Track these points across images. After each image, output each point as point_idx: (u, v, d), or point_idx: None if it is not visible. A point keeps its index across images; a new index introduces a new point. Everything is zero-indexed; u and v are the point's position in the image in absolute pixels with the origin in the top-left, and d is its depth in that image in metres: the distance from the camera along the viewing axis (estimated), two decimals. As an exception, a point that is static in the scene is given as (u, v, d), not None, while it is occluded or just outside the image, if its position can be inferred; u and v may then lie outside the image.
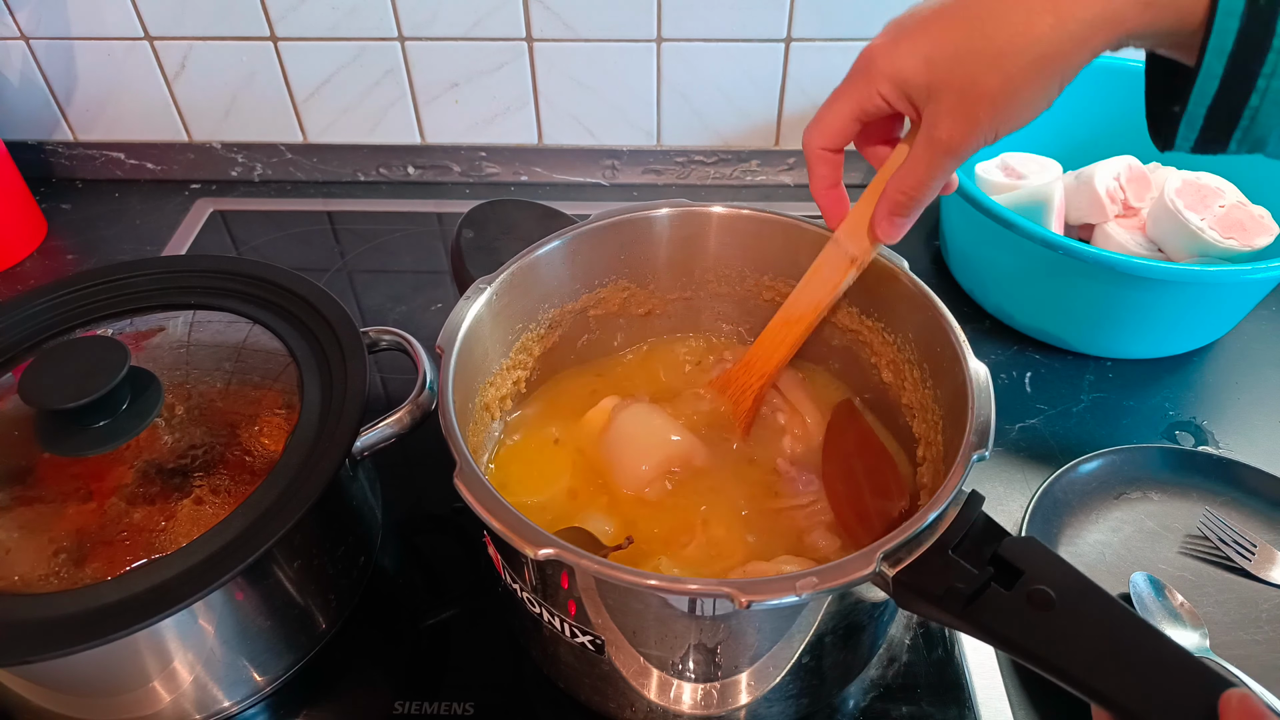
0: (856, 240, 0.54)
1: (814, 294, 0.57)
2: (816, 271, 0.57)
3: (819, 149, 0.53)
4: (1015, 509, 0.68)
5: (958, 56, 0.44)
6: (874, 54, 0.47)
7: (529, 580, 0.48)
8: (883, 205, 0.51)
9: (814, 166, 0.54)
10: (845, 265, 0.55)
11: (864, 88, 0.48)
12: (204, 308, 0.62)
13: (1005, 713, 0.56)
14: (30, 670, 0.49)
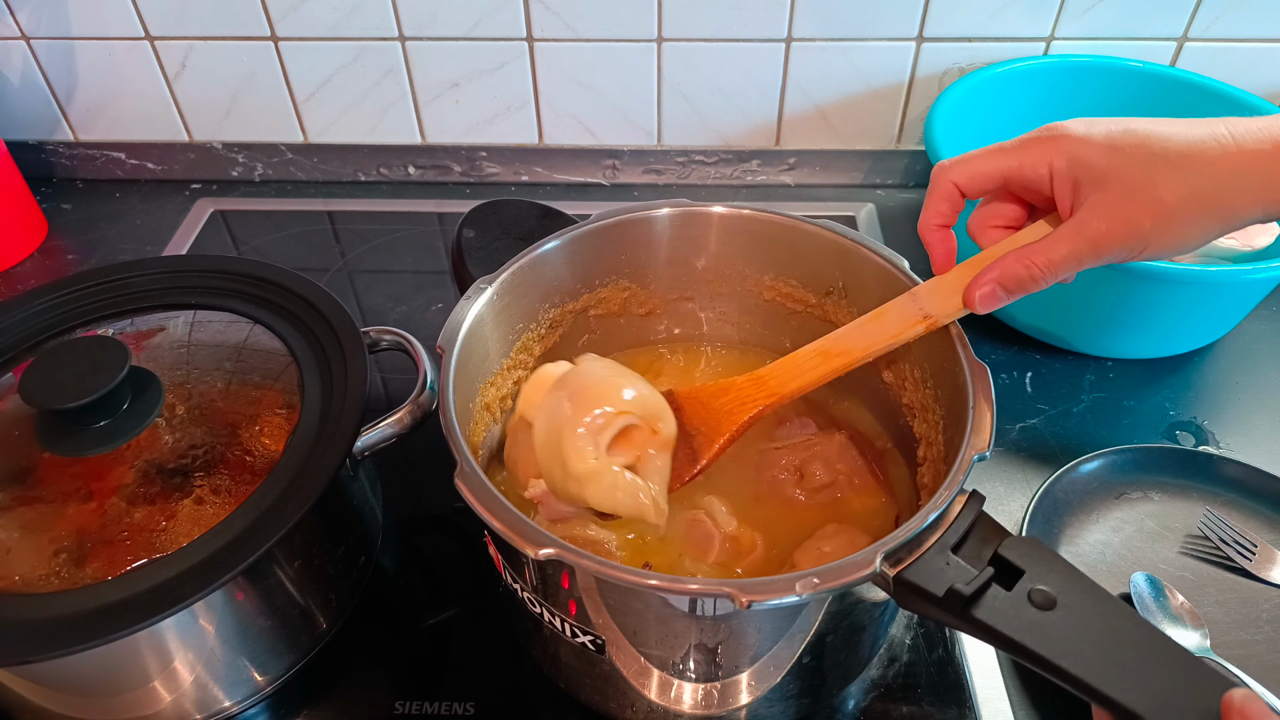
0: (939, 301, 0.51)
1: (869, 338, 0.53)
2: (880, 316, 0.53)
3: (951, 183, 0.49)
4: (1016, 509, 0.68)
5: (1147, 159, 0.44)
6: (1064, 126, 0.46)
7: (529, 580, 0.48)
8: (993, 272, 0.48)
9: (935, 200, 0.50)
10: (916, 321, 0.51)
11: (1037, 152, 0.47)
12: (204, 308, 0.62)
13: (1006, 713, 0.56)
14: (30, 670, 0.49)
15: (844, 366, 0.53)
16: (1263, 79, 0.92)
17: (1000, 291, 0.48)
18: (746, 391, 0.54)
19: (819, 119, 0.97)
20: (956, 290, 0.50)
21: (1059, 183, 0.46)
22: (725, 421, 0.54)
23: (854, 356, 0.52)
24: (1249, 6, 0.88)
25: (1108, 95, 0.90)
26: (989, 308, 0.49)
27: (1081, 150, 0.45)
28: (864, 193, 1.01)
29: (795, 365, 0.54)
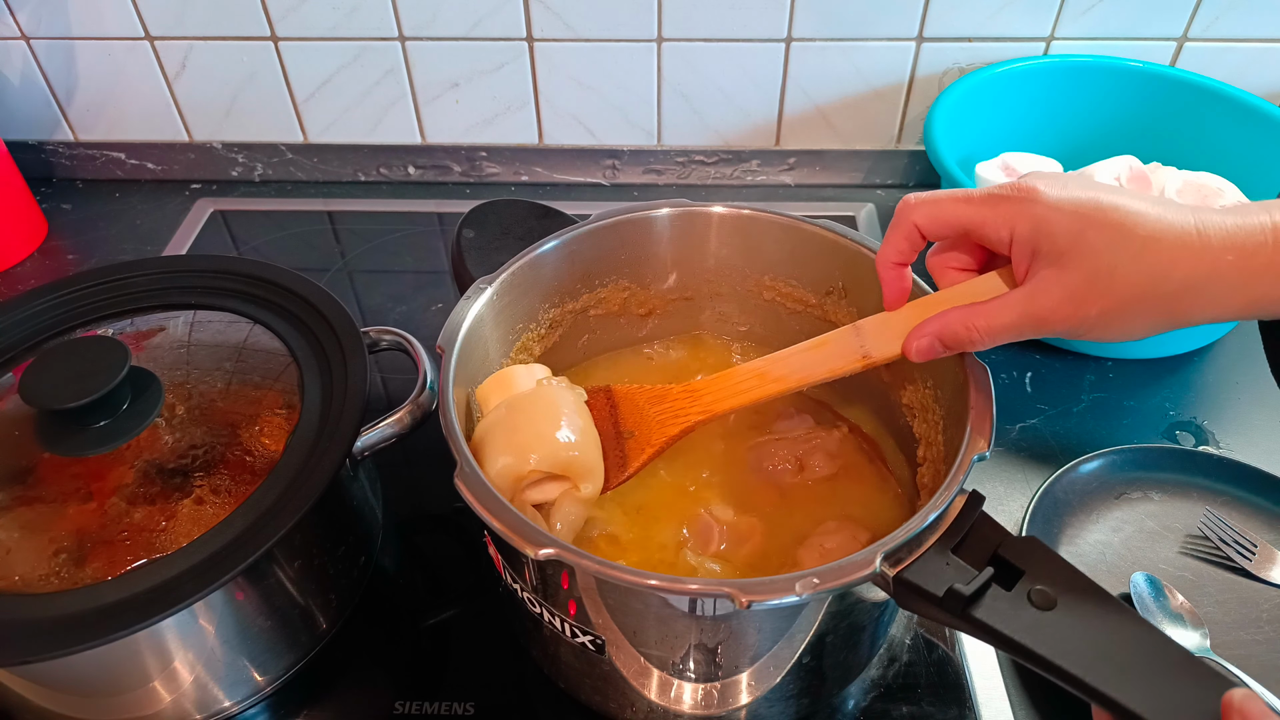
0: (881, 341, 0.50)
1: (806, 368, 0.52)
2: (820, 346, 0.52)
3: (912, 223, 0.48)
4: (1016, 509, 0.68)
5: (1112, 243, 0.42)
6: (1036, 188, 0.44)
7: (529, 580, 0.48)
8: (934, 325, 0.47)
9: (895, 238, 0.49)
10: (855, 358, 0.51)
11: (1003, 212, 0.45)
12: (204, 308, 0.62)
13: (1005, 713, 0.56)
14: (30, 670, 0.49)
15: (779, 391, 0.52)
16: (1263, 79, 0.92)
17: (938, 345, 0.48)
18: (680, 403, 0.54)
19: (819, 119, 0.97)
20: (900, 333, 0.49)
21: (1018, 247, 0.45)
22: (656, 432, 0.54)
23: (790, 383, 0.52)
24: (1249, 6, 0.88)
25: (1108, 95, 0.91)
26: (925, 359, 0.49)
27: (1048, 218, 0.43)
28: (864, 193, 1.01)
29: (732, 384, 0.53)
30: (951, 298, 0.48)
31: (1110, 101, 0.91)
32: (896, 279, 0.50)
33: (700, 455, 0.61)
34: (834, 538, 0.54)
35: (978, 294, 0.47)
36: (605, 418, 0.55)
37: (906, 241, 0.49)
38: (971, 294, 0.48)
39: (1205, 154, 0.85)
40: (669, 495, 0.58)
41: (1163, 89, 0.89)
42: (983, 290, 0.47)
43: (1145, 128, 0.90)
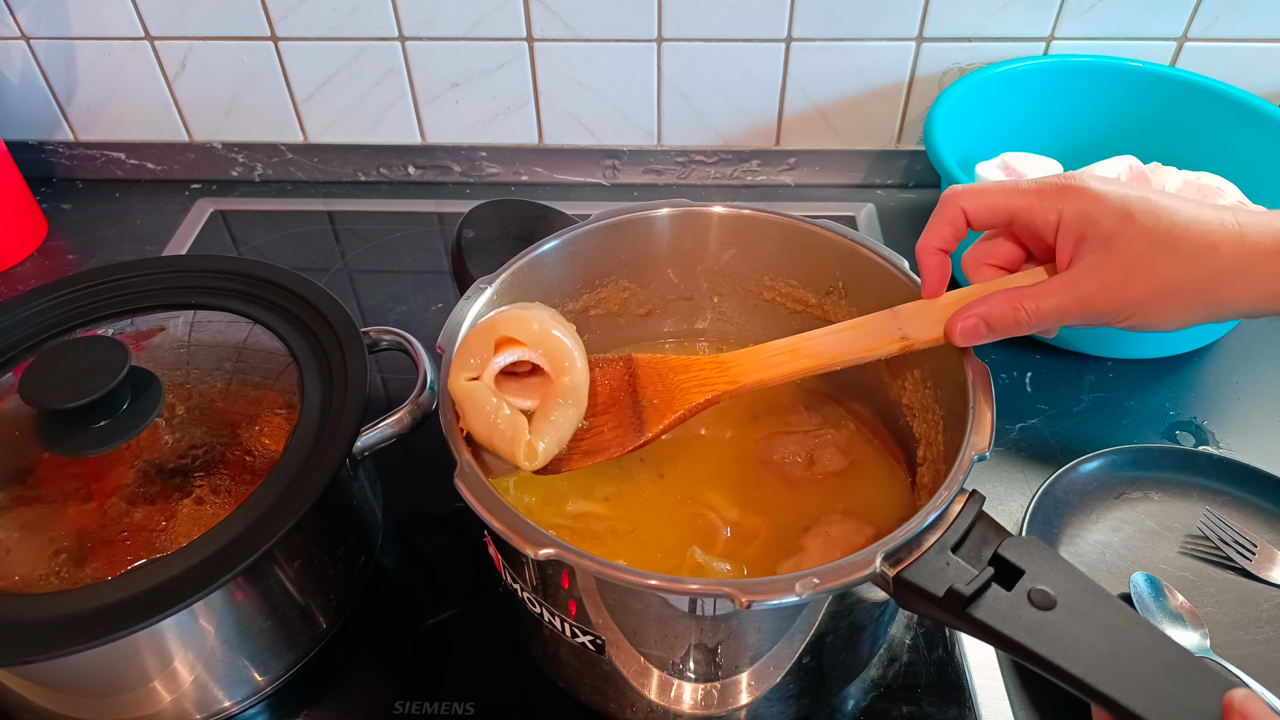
0: (921, 325, 0.50)
1: (842, 346, 0.51)
2: (858, 327, 0.51)
3: (960, 209, 0.48)
4: (1016, 509, 0.68)
5: (1154, 233, 0.43)
6: (1083, 179, 0.46)
7: (529, 580, 0.48)
8: (981, 307, 0.47)
9: (940, 223, 0.49)
10: (893, 341, 0.50)
11: (1051, 198, 0.46)
12: (204, 308, 0.62)
13: (1005, 713, 0.56)
14: (30, 670, 0.49)
15: (811, 369, 0.51)
16: (1263, 79, 0.92)
17: (983, 328, 0.48)
18: (707, 373, 0.53)
19: (819, 119, 0.97)
20: (940, 318, 0.49)
21: (1064, 233, 0.46)
22: (679, 399, 0.52)
23: (823, 360, 0.51)
24: (1248, 6, 0.88)
25: (1108, 95, 0.90)
26: (969, 343, 0.49)
27: (1094, 208, 0.45)
28: (864, 193, 1.01)
29: (762, 358, 0.52)
30: (990, 289, 0.49)
31: (1110, 101, 0.91)
32: (938, 265, 0.50)
33: (710, 446, 0.61)
34: (839, 527, 0.54)
35: (1027, 283, 0.48)
36: (622, 386, 0.54)
37: (950, 227, 0.49)
38: (1017, 282, 0.48)
39: (1205, 154, 0.85)
40: (677, 490, 0.58)
41: (1163, 89, 0.89)
42: (1022, 282, 0.48)
43: (1145, 127, 0.90)
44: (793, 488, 0.58)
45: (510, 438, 0.48)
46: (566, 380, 0.50)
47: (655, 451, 0.60)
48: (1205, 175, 0.80)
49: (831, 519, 0.55)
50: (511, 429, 0.48)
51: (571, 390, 0.50)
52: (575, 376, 0.50)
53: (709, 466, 0.60)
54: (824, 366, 0.51)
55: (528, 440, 0.48)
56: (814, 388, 0.65)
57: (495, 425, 0.47)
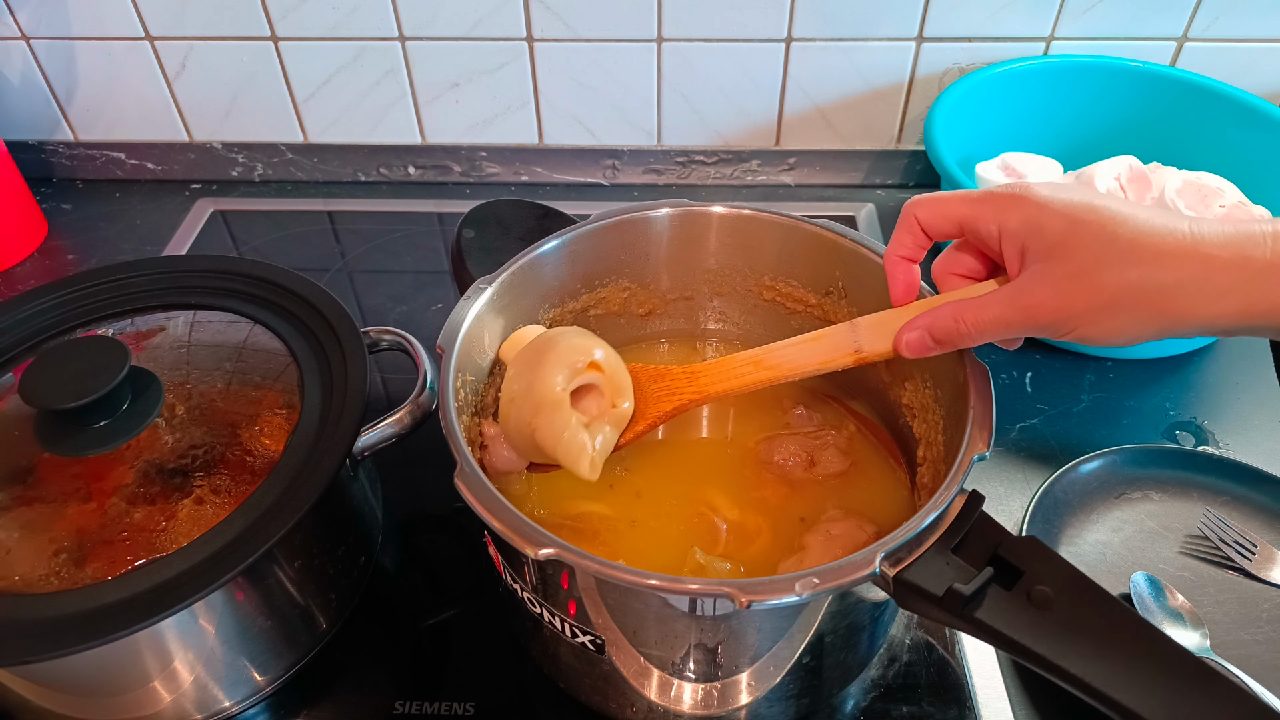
0: (875, 336, 0.51)
1: (799, 358, 0.52)
2: (816, 340, 0.52)
3: (914, 218, 0.49)
4: (1016, 509, 0.68)
5: (1099, 240, 0.41)
6: (1030, 187, 0.45)
7: (529, 580, 0.48)
8: (925, 319, 0.48)
9: (900, 233, 0.50)
10: (847, 353, 0.51)
11: (994, 208, 0.45)
12: (204, 308, 0.62)
13: (1006, 713, 0.56)
14: (30, 670, 0.49)
15: (772, 379, 0.52)
16: (1263, 79, 0.92)
17: (928, 339, 0.48)
18: (678, 383, 0.55)
19: (819, 119, 0.97)
20: (896, 330, 0.50)
21: (1007, 243, 0.45)
22: (652, 407, 0.54)
23: (781, 372, 0.52)
24: (1249, 6, 0.88)
25: (1108, 95, 0.90)
26: (915, 355, 0.49)
27: (1038, 215, 0.43)
28: (864, 193, 1.01)
29: (728, 368, 0.54)
30: (942, 300, 0.49)
31: (1110, 101, 0.91)
32: (903, 273, 0.51)
33: (711, 447, 0.61)
34: (840, 525, 0.54)
35: (973, 295, 0.48)
36: None
37: (909, 236, 0.50)
38: (967, 294, 0.48)
39: (1205, 154, 0.85)
40: (679, 489, 0.58)
41: (1163, 89, 0.89)
42: (980, 293, 0.48)
43: (1145, 128, 0.90)
44: (793, 488, 0.58)
45: (578, 450, 0.51)
46: (625, 406, 0.54)
47: (656, 452, 0.61)
48: (1205, 175, 0.80)
49: (833, 517, 0.55)
50: (579, 442, 0.51)
51: (621, 417, 0.54)
52: (627, 404, 0.54)
53: (710, 467, 0.60)
54: (783, 377, 0.52)
55: (592, 455, 0.52)
56: (815, 388, 0.65)
57: (564, 436, 0.51)
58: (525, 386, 0.52)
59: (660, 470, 0.59)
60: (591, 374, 0.53)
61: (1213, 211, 0.77)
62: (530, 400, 0.51)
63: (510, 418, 0.52)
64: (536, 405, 0.51)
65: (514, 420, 0.52)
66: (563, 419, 0.51)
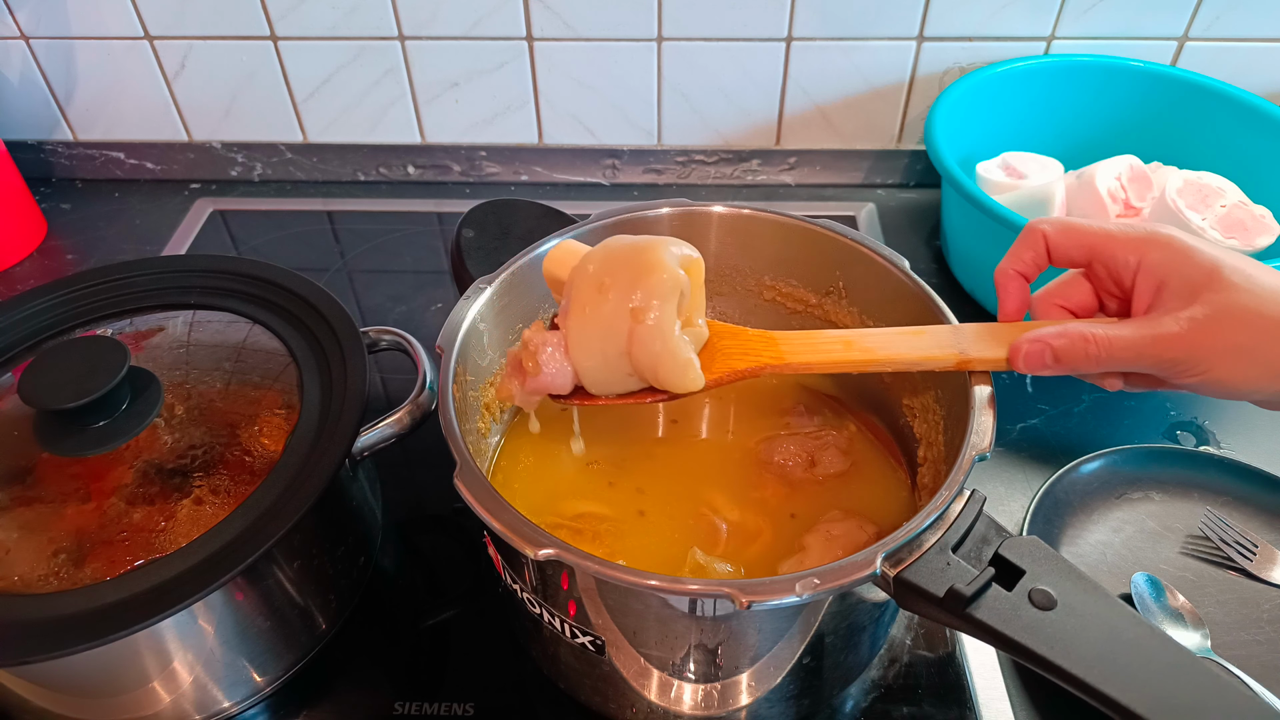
0: (981, 344, 0.49)
1: (897, 347, 0.50)
2: (917, 334, 0.50)
3: (1040, 234, 0.48)
4: (1016, 509, 0.67)
5: (1242, 290, 0.42)
6: (1174, 230, 0.45)
7: (529, 580, 0.48)
8: (1051, 335, 0.46)
9: (1020, 247, 0.49)
10: (949, 356, 0.49)
11: (1137, 240, 0.45)
12: (204, 308, 0.62)
13: (1006, 713, 0.56)
14: (30, 670, 0.49)
15: (861, 363, 0.50)
16: (1263, 79, 0.92)
17: (1049, 355, 0.46)
18: (754, 345, 0.51)
19: (819, 118, 0.97)
20: (1005, 340, 0.48)
21: (1144, 276, 0.44)
22: (720, 362, 0.51)
23: (875, 357, 0.49)
24: (1249, 6, 0.88)
25: (1108, 95, 0.90)
26: (1032, 369, 0.46)
27: (1183, 256, 0.44)
28: (864, 192, 1.01)
29: (813, 342, 0.51)
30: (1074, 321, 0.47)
31: (1111, 101, 0.90)
32: (1017, 290, 0.49)
33: (711, 447, 0.61)
34: (841, 525, 0.54)
35: (1105, 323, 0.46)
36: None
37: (1030, 252, 0.48)
38: (1098, 321, 0.47)
39: (1206, 153, 0.85)
40: (679, 490, 0.58)
41: (1163, 88, 0.89)
42: (1110, 321, 0.47)
43: (1146, 127, 0.90)
44: (794, 489, 0.58)
45: (686, 358, 0.47)
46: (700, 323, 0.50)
47: (657, 452, 0.60)
48: (1206, 175, 0.80)
49: (833, 517, 0.55)
50: (687, 348, 0.48)
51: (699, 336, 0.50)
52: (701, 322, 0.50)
53: (710, 468, 0.60)
54: (876, 364, 0.50)
55: (697, 364, 0.48)
56: (816, 388, 0.65)
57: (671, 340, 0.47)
58: (625, 281, 0.46)
59: (660, 470, 0.59)
60: (685, 276, 0.48)
61: (1214, 212, 0.77)
62: (630, 298, 0.46)
63: (590, 324, 0.48)
64: (643, 304, 0.46)
65: (597, 325, 0.47)
66: (670, 320, 0.46)
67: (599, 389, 0.50)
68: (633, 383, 0.49)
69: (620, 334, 0.47)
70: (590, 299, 0.47)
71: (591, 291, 0.47)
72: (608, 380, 0.49)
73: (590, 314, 0.47)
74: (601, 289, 0.47)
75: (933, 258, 0.92)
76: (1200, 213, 0.77)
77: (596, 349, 0.48)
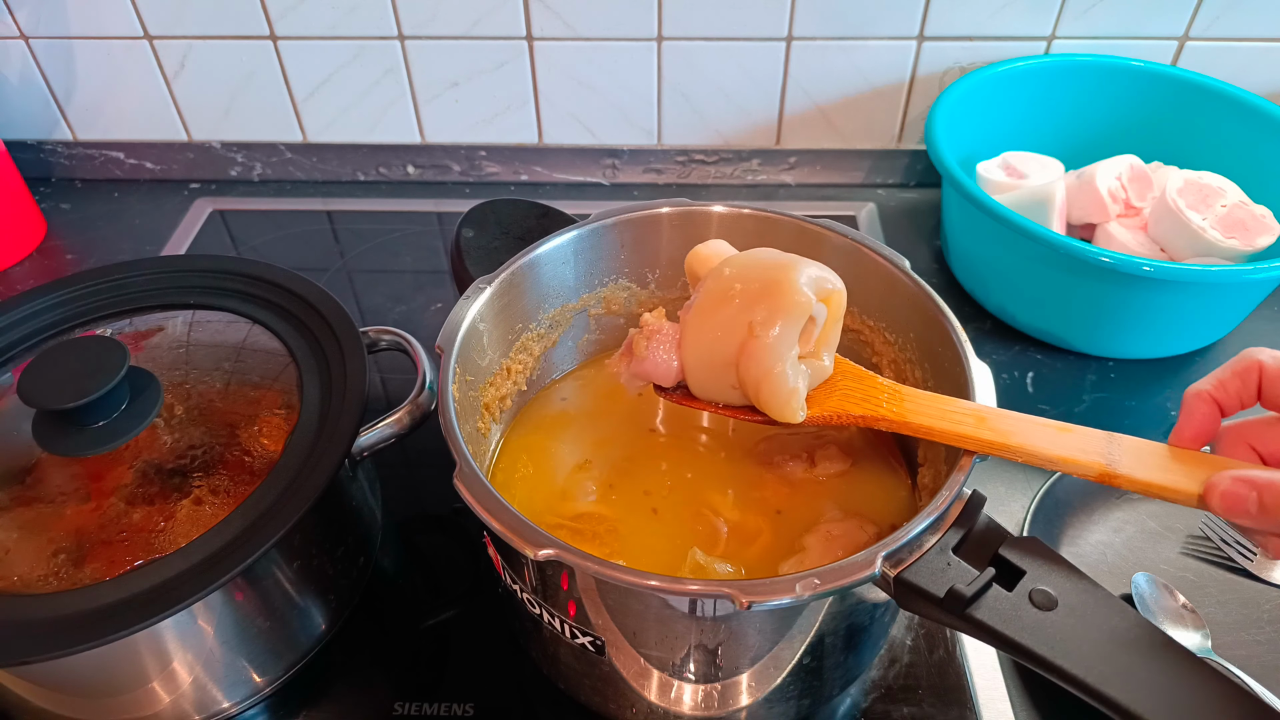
0: (1138, 462, 0.42)
1: (1034, 439, 0.45)
2: (1062, 431, 0.45)
3: (1256, 362, 0.41)
4: (1017, 509, 0.67)
5: None
6: None
7: (529, 581, 0.48)
8: (1262, 480, 0.38)
9: (1227, 377, 0.42)
10: (1092, 464, 0.43)
11: None
12: (203, 307, 0.62)
13: (1007, 713, 0.56)
14: (30, 670, 0.49)
15: (988, 444, 0.45)
16: (1264, 78, 0.92)
17: (1253, 503, 0.38)
18: (877, 394, 0.49)
19: (819, 118, 0.97)
20: (1166, 465, 0.42)
21: None
22: (834, 401, 0.48)
23: (1007, 443, 0.45)
24: (1249, 6, 0.88)
25: (1109, 94, 0.90)
26: (1229, 512, 0.39)
27: None
28: (865, 192, 1.01)
29: (942, 408, 0.47)
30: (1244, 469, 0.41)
31: (1111, 101, 0.90)
32: (1205, 416, 0.43)
33: (711, 447, 0.61)
34: (841, 525, 0.54)
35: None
36: None
37: (1239, 383, 0.42)
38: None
39: (1206, 153, 0.85)
40: (679, 490, 0.58)
41: (1164, 88, 0.89)
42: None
43: (1146, 127, 0.90)
44: (794, 489, 0.58)
45: (790, 389, 0.46)
46: (825, 361, 0.48)
47: (657, 453, 0.60)
48: (1206, 175, 0.80)
49: (833, 517, 0.55)
50: (792, 379, 0.46)
51: (820, 372, 0.49)
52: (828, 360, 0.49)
53: (710, 468, 0.60)
54: (1005, 450, 0.45)
55: (801, 398, 0.47)
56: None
57: (776, 369, 0.45)
58: (754, 293, 0.45)
59: (660, 470, 0.59)
60: (820, 306, 0.46)
61: (1214, 211, 0.77)
62: (752, 311, 0.44)
63: (707, 326, 0.46)
64: (763, 320, 0.44)
65: (712, 329, 0.46)
66: (786, 344, 0.45)
67: (701, 392, 0.49)
68: (735, 396, 0.48)
69: (733, 343, 0.46)
70: (715, 301, 0.47)
71: (719, 295, 0.47)
72: (711, 386, 0.48)
73: (710, 316, 0.47)
74: (729, 295, 0.46)
75: (933, 258, 0.92)
76: (1201, 212, 0.77)
77: (706, 351, 0.47)
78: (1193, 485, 0.41)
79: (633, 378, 0.50)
